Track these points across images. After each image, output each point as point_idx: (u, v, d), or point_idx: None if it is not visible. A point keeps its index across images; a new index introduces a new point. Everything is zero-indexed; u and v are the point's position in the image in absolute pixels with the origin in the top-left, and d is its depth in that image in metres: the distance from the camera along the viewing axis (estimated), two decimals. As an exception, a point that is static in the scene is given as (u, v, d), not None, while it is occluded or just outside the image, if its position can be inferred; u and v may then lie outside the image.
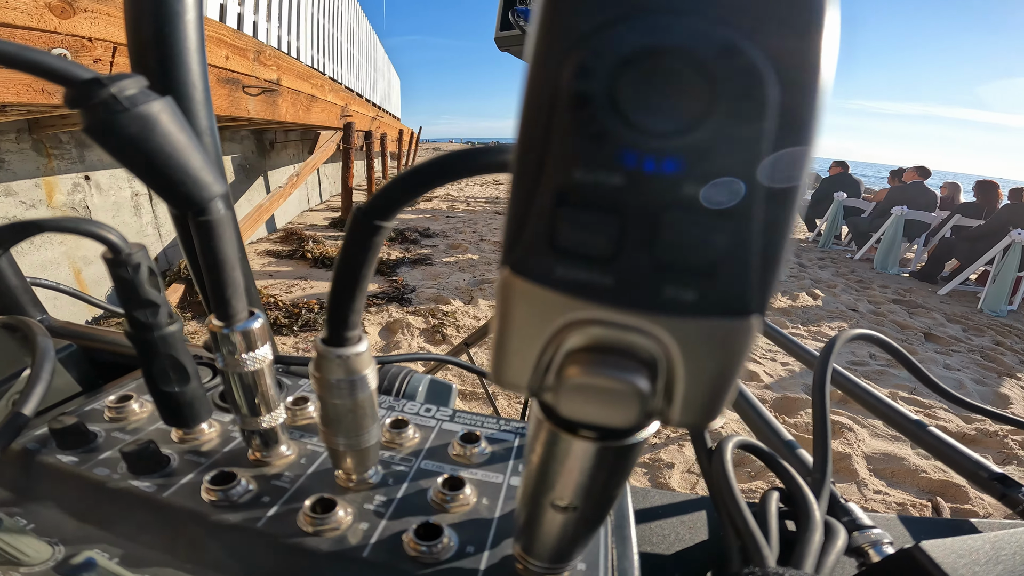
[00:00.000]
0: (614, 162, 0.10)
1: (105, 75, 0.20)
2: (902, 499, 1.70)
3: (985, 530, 0.36)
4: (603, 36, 0.09)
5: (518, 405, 1.98)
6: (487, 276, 3.56)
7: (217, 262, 0.24)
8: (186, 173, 0.22)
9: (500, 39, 1.19)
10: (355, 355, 0.22)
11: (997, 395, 2.72)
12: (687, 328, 0.11)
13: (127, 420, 0.32)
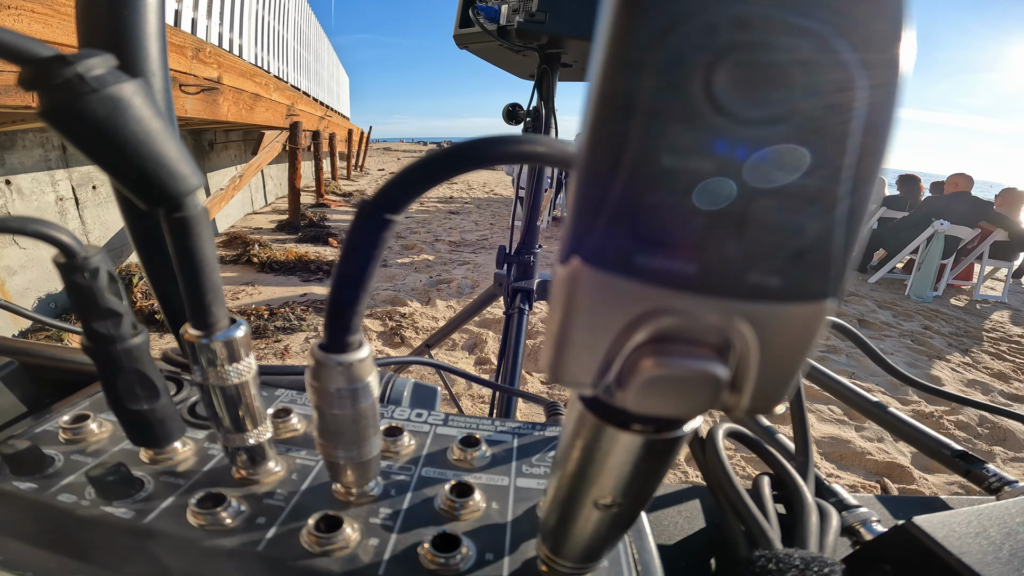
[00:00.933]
0: (706, 149, 0.09)
1: (70, 53, 0.17)
2: (852, 481, 1.79)
3: (956, 506, 0.38)
4: (702, 21, 0.09)
5: (483, 405, 1.97)
6: (443, 276, 3.53)
7: (195, 264, 0.22)
8: (160, 164, 0.19)
9: (459, 36, 1.18)
10: (358, 361, 0.21)
11: (929, 376, 2.91)
12: (768, 313, 0.11)
13: (86, 442, 0.29)
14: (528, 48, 1.15)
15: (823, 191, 0.10)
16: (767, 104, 0.09)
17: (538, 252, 1.36)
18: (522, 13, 1.09)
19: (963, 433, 2.24)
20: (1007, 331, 4.20)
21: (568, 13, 1.07)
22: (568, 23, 1.08)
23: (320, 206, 6.25)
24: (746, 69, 0.09)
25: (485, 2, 1.16)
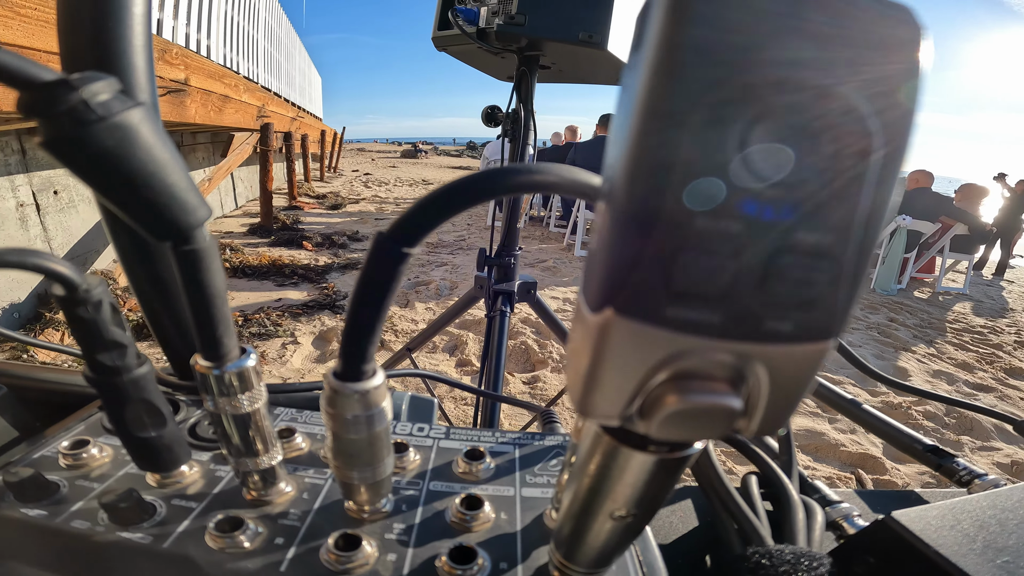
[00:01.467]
0: (736, 211, 0.11)
1: (73, 76, 0.17)
2: (828, 472, 1.84)
3: (929, 499, 0.40)
4: (743, 83, 0.10)
5: (467, 407, 1.97)
6: (421, 278, 3.52)
7: (206, 297, 0.21)
8: (171, 196, 0.19)
9: (438, 39, 1.20)
10: (373, 389, 0.21)
11: (896, 368, 3.01)
12: (779, 352, 0.12)
13: (88, 467, 0.29)
14: (507, 51, 1.16)
15: (836, 247, 0.11)
16: (794, 167, 0.10)
17: (518, 254, 1.37)
18: (501, 15, 1.10)
19: (931, 423, 2.32)
20: (969, 322, 4.36)
21: (547, 16, 1.09)
22: (547, 26, 1.09)
23: (293, 208, 6.17)
24: (779, 132, 0.10)
25: (464, 4, 1.18)
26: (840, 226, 0.11)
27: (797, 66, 0.10)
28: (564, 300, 3.38)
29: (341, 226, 5.31)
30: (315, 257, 3.87)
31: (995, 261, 7.63)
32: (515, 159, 1.30)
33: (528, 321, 2.79)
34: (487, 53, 1.18)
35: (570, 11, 1.09)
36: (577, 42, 1.12)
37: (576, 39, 1.10)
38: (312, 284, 3.21)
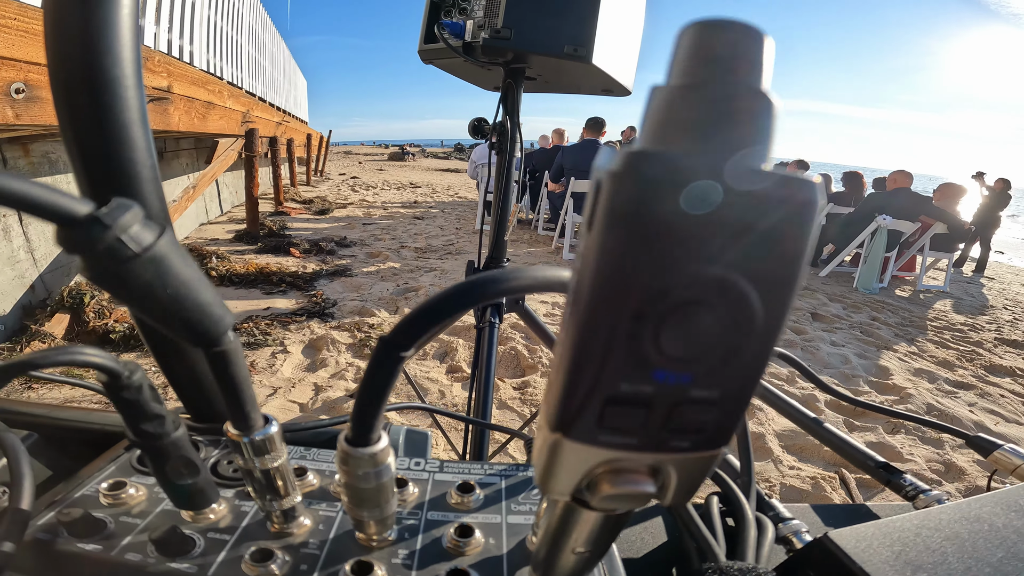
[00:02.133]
0: (650, 378, 0.15)
1: (102, 210, 0.18)
2: (813, 473, 1.90)
3: (880, 513, 0.45)
4: (660, 294, 0.14)
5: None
6: (411, 284, 3.54)
7: (235, 384, 0.25)
8: (202, 311, 0.22)
9: (424, 51, 1.22)
10: (380, 451, 0.25)
11: (878, 367, 3.09)
12: (681, 458, 0.17)
13: (128, 504, 0.32)
14: (493, 64, 1.19)
15: (722, 396, 0.16)
16: (690, 344, 0.15)
17: (506, 265, 1.40)
18: (487, 29, 1.13)
19: (912, 422, 2.39)
20: (950, 319, 4.47)
21: (533, 30, 1.12)
22: (533, 40, 1.12)
23: (280, 214, 6.16)
24: (682, 323, 0.14)
25: (450, 18, 1.21)
26: (726, 382, 0.15)
27: (706, 268, 0.14)
28: (553, 304, 3.42)
29: (329, 232, 5.32)
30: (303, 264, 3.88)
31: (976, 257, 7.81)
32: (502, 171, 1.34)
33: (518, 327, 2.83)
34: (473, 65, 1.21)
35: (555, 25, 1.12)
36: (563, 56, 1.16)
37: (562, 53, 1.14)
38: (300, 292, 3.23)
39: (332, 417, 0.45)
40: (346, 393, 2.10)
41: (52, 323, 2.42)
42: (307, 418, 1.93)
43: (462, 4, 1.16)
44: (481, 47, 1.13)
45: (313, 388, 2.15)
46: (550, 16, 1.11)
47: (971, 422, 2.44)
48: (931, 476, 1.96)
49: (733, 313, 0.14)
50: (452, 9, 1.17)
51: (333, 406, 2.03)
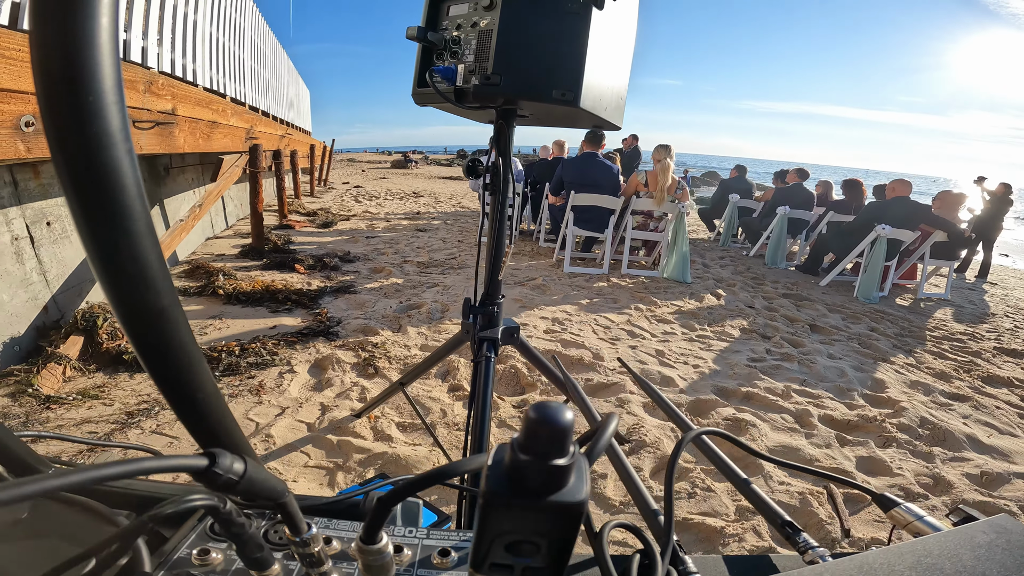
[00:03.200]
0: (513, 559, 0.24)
1: (216, 469, 0.29)
2: (801, 488, 1.95)
3: (777, 564, 0.50)
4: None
5: (458, 432, 2.07)
6: (413, 301, 3.60)
7: (291, 516, 0.36)
8: (273, 489, 0.33)
9: (418, 95, 1.28)
10: (383, 545, 0.36)
11: (874, 380, 3.13)
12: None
13: (213, 566, 0.42)
14: (485, 107, 1.25)
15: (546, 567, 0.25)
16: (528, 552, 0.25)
17: (501, 302, 1.46)
18: (478, 75, 1.19)
19: (904, 435, 2.44)
20: (949, 329, 4.51)
21: (522, 75, 1.16)
22: (522, 86, 1.17)
23: (284, 227, 6.24)
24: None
25: (441, 62, 1.26)
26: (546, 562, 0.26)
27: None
28: (552, 320, 3.48)
29: (333, 245, 5.41)
30: (307, 280, 3.95)
31: (979, 260, 7.83)
32: (496, 210, 1.40)
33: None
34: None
35: (544, 71, 1.17)
36: (552, 101, 1.21)
37: (550, 98, 1.19)
38: (306, 310, 3.30)
39: (345, 496, 0.54)
40: (351, 413, 2.16)
41: (67, 345, 2.49)
42: (314, 436, 2.00)
43: (453, 47, 1.22)
44: (472, 92, 1.18)
45: (319, 408, 2.21)
46: (538, 62, 1.17)
47: (964, 435, 2.48)
48: (918, 491, 2.00)
49: (539, 547, 0.27)
50: (444, 52, 1.23)
51: (339, 426, 2.09)
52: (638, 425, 2.22)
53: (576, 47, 1.20)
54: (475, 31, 1.21)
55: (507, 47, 1.16)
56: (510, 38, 1.16)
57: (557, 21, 1.18)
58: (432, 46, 1.25)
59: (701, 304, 4.31)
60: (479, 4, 1.21)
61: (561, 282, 4.53)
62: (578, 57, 1.19)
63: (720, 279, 5.28)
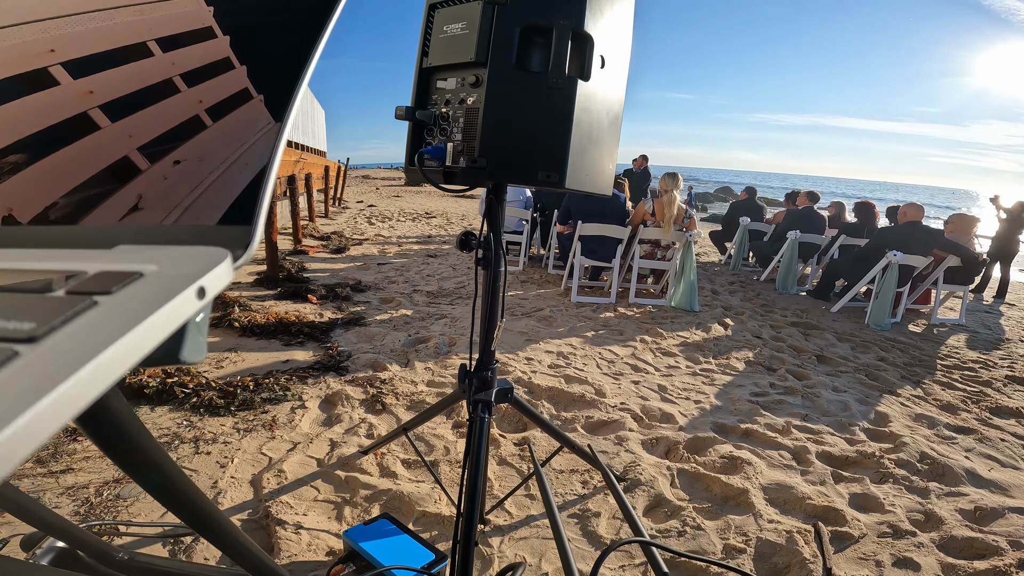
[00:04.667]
0: None
1: None
2: (790, 526, 2.02)
3: None
4: None
5: (458, 469, 2.18)
6: (421, 334, 3.73)
7: None
8: None
9: (410, 172, 1.36)
10: None
11: (877, 413, 3.17)
12: None
13: None
14: (476, 186, 1.34)
15: None
16: None
17: (495, 367, 1.57)
18: (465, 157, 1.24)
19: (902, 471, 2.50)
20: (962, 356, 4.52)
21: (507, 159, 1.22)
22: (508, 170, 1.23)
23: (298, 252, 6.45)
24: None
25: (431, 137, 1.32)
26: None
27: None
28: (557, 354, 3.59)
29: (345, 273, 5.58)
30: (319, 311, 4.11)
31: (997, 278, 7.77)
32: (489, 285, 1.47)
33: (520, 381, 3.01)
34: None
35: (528, 154, 1.23)
36: (537, 184, 1.29)
37: (536, 181, 1.27)
38: (317, 343, 3.45)
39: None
40: (358, 449, 2.28)
41: None
42: (323, 471, 2.13)
43: (442, 124, 1.30)
44: (459, 176, 1.26)
45: (329, 444, 2.34)
46: (524, 145, 1.23)
47: (963, 469, 2.53)
48: (907, 527, 2.06)
49: None
50: (434, 128, 1.32)
51: (347, 462, 2.21)
52: (635, 463, 2.32)
53: (561, 126, 1.24)
54: (463, 108, 1.27)
55: (493, 128, 1.22)
56: (496, 117, 1.22)
57: (542, 98, 1.23)
58: (422, 122, 1.32)
59: (708, 335, 4.38)
60: (465, 80, 1.27)
61: (568, 313, 4.64)
62: (563, 137, 1.23)
63: (728, 307, 5.35)
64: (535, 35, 1.23)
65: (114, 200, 0.43)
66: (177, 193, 0.43)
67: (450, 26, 1.28)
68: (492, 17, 1.20)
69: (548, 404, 2.78)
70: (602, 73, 1.33)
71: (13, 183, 0.44)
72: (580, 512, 2.01)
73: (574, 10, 1.23)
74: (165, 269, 0.28)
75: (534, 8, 1.22)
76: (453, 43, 1.27)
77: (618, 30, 1.39)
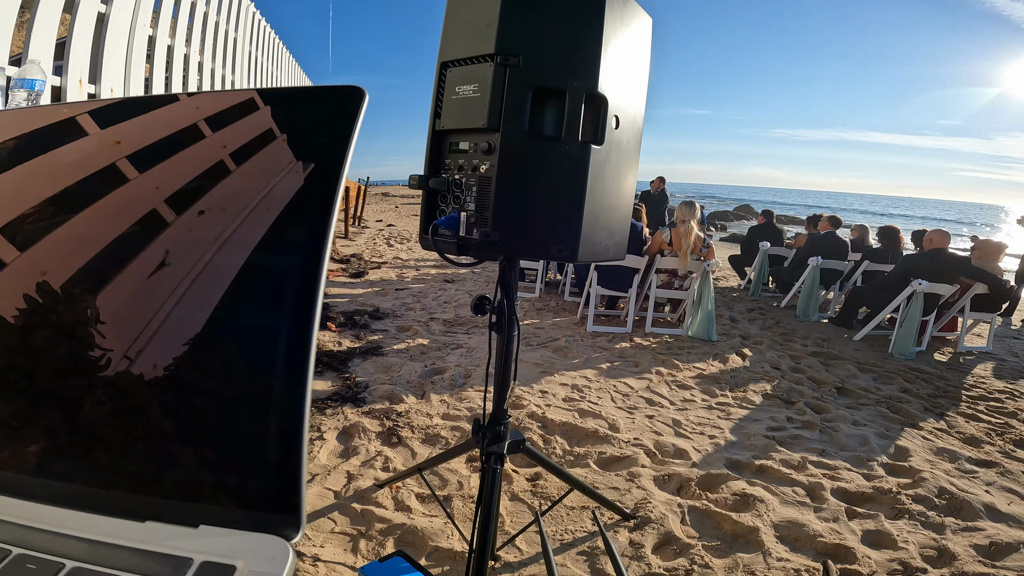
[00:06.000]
0: None
1: None
2: (799, 564, 2.06)
3: None
4: None
5: (470, 504, 2.26)
6: (438, 365, 3.84)
7: None
8: None
9: (425, 241, 1.35)
10: None
11: (897, 448, 3.16)
12: None
13: None
14: (489, 258, 1.37)
15: None
16: None
17: (507, 422, 1.61)
18: (478, 229, 1.24)
19: (919, 506, 2.51)
20: (988, 386, 4.47)
21: (520, 234, 1.21)
22: (520, 244, 1.23)
23: (318, 277, 6.64)
24: None
25: (444, 204, 1.32)
26: None
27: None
28: (572, 387, 3.65)
29: (363, 299, 5.74)
30: (338, 340, 4.25)
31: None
32: (502, 351, 1.49)
33: (534, 415, 3.08)
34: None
35: (541, 229, 1.22)
36: (549, 257, 1.30)
37: (548, 255, 1.28)
38: (335, 373, 3.57)
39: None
40: (374, 483, 2.37)
41: None
42: (340, 503, 2.22)
43: (456, 192, 1.31)
44: (472, 248, 1.27)
45: (346, 476, 2.44)
46: (536, 218, 1.22)
47: (982, 504, 2.52)
48: (918, 564, 2.08)
49: None
50: (448, 195, 1.33)
51: (363, 495, 2.31)
52: (646, 500, 2.38)
53: (573, 198, 1.23)
54: (475, 176, 1.27)
55: (505, 199, 1.22)
56: (509, 188, 1.22)
57: (555, 166, 1.22)
58: (436, 190, 1.34)
59: (725, 366, 4.41)
60: (478, 146, 1.25)
61: (584, 343, 4.71)
62: (575, 209, 1.22)
63: (747, 336, 5.36)
64: (548, 97, 1.22)
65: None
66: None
67: (462, 87, 1.28)
68: (504, 79, 1.18)
69: (561, 439, 2.84)
70: (617, 132, 1.32)
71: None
72: (589, 550, 2.07)
73: (587, 71, 1.21)
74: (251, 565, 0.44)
75: (546, 69, 1.20)
76: (465, 106, 1.27)
77: (633, 81, 1.36)
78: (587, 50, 1.20)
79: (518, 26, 1.18)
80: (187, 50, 4.16)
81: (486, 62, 1.21)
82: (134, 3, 3.13)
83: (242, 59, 5.54)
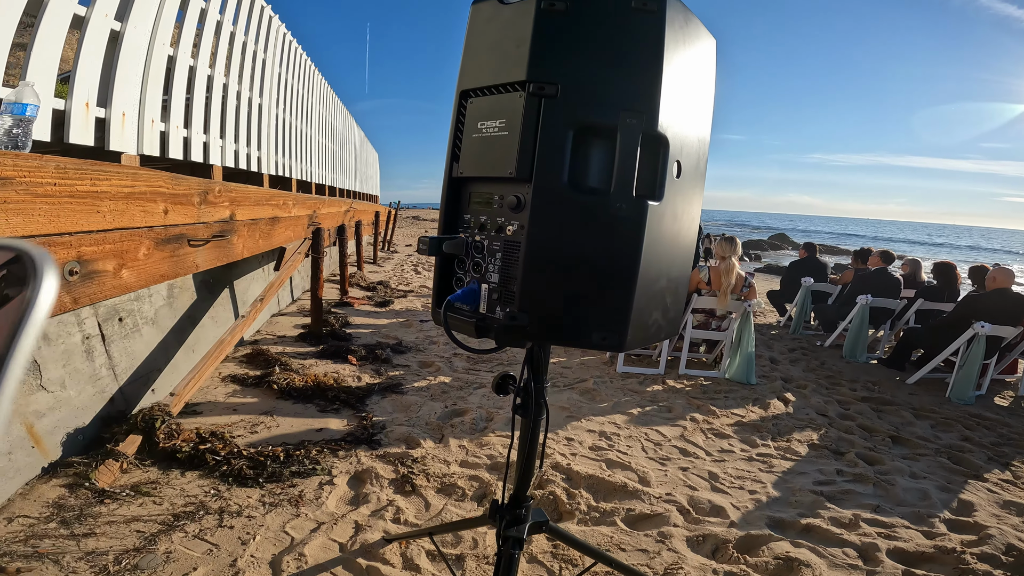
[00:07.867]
0: None
1: None
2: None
3: None
4: None
5: (488, 566, 2.12)
6: (459, 405, 3.71)
7: None
8: None
9: (435, 315, 1.18)
10: None
11: (960, 502, 2.93)
12: None
13: None
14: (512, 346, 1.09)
15: None
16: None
17: (529, 505, 1.45)
18: (502, 311, 1.04)
19: (985, 565, 2.30)
20: (1056, 434, 4.16)
21: (555, 317, 0.99)
22: (555, 330, 0.99)
23: (343, 305, 6.64)
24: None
25: (463, 270, 1.12)
26: None
27: None
28: (599, 434, 3.48)
29: (387, 330, 5.69)
30: (358, 374, 4.18)
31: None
32: (526, 437, 1.28)
33: (559, 466, 2.93)
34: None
35: (581, 311, 0.97)
36: (590, 347, 1.03)
37: (591, 343, 1.01)
38: (352, 411, 3.49)
39: None
40: (383, 536, 2.26)
41: (126, 443, 2.72)
42: (345, 557, 2.11)
43: (476, 257, 1.09)
44: (495, 333, 1.03)
45: (353, 526, 2.33)
46: (575, 298, 0.97)
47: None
48: None
49: None
50: (466, 260, 1.11)
51: (370, 549, 2.19)
52: (677, 565, 2.20)
53: (625, 270, 0.97)
54: (500, 239, 1.05)
55: (536, 272, 0.98)
56: (541, 256, 0.98)
57: (601, 228, 0.97)
58: (452, 255, 1.13)
59: (766, 412, 4.17)
60: (505, 201, 1.02)
61: (613, 384, 4.52)
62: (625, 286, 0.97)
63: (789, 378, 5.10)
64: (594, 138, 0.97)
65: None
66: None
67: (486, 123, 1.05)
68: (538, 114, 0.96)
69: (587, 493, 2.68)
70: (679, 182, 1.05)
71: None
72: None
73: (644, 105, 0.96)
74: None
75: (592, 103, 0.96)
76: (489, 147, 1.04)
77: (697, 118, 1.11)
78: (643, 78, 0.95)
79: (556, 48, 0.95)
80: (211, 72, 4.17)
81: (516, 91, 0.99)
82: (153, 20, 3.07)
83: (271, 82, 5.62)
